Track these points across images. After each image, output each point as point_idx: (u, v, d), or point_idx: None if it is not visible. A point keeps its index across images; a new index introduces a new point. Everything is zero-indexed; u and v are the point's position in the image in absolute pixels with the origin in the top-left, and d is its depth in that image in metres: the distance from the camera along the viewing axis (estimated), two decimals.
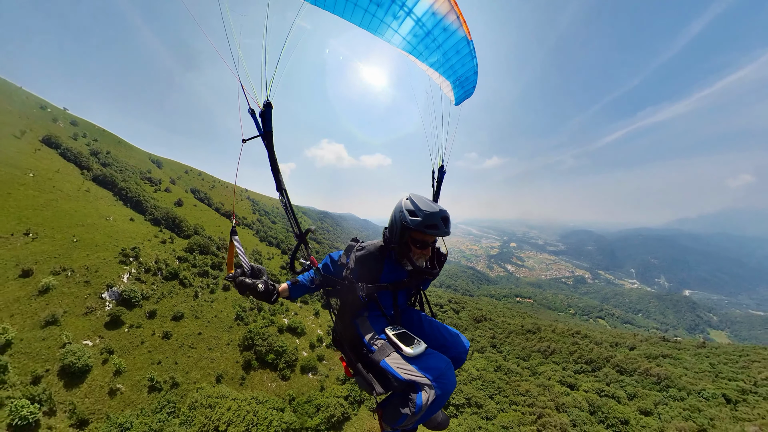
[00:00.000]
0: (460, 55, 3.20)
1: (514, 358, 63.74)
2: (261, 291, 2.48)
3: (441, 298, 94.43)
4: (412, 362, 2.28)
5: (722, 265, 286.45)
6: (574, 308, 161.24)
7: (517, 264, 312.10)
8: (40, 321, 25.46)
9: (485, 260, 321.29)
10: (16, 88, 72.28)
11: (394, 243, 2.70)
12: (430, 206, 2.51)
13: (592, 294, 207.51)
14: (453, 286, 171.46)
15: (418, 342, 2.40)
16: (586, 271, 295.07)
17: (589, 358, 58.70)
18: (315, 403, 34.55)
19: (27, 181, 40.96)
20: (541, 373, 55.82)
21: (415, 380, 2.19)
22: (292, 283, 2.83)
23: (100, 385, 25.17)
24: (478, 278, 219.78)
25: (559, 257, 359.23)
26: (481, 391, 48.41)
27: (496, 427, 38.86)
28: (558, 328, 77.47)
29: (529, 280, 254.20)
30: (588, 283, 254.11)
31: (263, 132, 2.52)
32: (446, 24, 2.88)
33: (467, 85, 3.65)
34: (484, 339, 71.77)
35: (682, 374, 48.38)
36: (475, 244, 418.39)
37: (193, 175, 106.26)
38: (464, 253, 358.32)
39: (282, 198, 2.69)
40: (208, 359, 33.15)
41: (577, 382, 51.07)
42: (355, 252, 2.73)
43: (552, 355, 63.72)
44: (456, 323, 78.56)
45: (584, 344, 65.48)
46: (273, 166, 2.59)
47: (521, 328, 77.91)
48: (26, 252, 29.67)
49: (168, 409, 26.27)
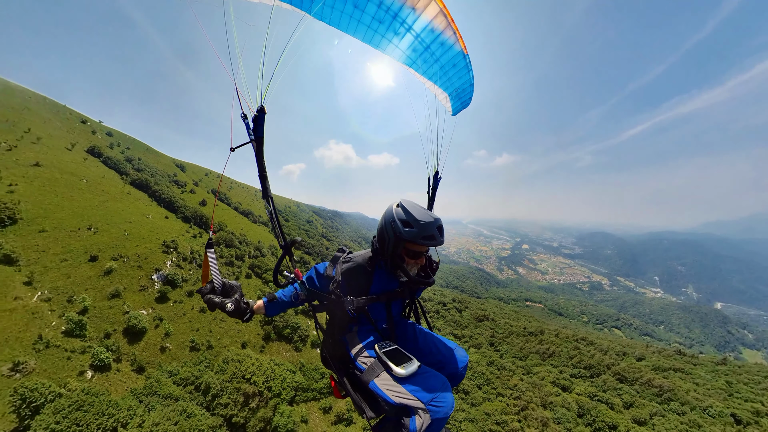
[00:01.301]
0: (457, 68, 3.33)
1: (511, 357, 63.66)
2: (230, 311, 2.32)
3: (445, 297, 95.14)
4: (403, 383, 2.07)
5: (761, 275, 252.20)
6: (588, 316, 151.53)
7: (529, 267, 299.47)
8: (107, 294, 32.63)
9: (495, 262, 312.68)
10: (62, 106, 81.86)
11: (387, 254, 2.50)
12: (424, 216, 2.35)
13: (609, 302, 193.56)
14: (460, 287, 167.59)
15: (411, 360, 2.18)
16: (603, 277, 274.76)
17: (589, 364, 57.41)
18: (321, 371, 40.77)
19: (82, 186, 48.96)
20: (535, 373, 55.61)
21: (407, 404, 1.98)
22: (269, 300, 2.63)
23: (153, 343, 32.13)
24: (487, 280, 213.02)
25: (574, 261, 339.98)
26: (470, 381, 49.31)
27: (479, 412, 40.14)
28: (562, 333, 75.57)
29: (540, 284, 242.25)
30: (605, 289, 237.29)
31: (254, 137, 2.44)
32: (443, 39, 3.01)
33: (464, 96, 3.78)
34: (483, 337, 71.30)
35: (691, 389, 45.98)
36: (485, 245, 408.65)
37: (212, 177, 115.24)
38: (473, 254, 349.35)
39: (268, 206, 2.57)
40: (235, 330, 39.89)
41: (572, 385, 50.51)
42: (341, 264, 2.55)
43: (550, 357, 62.90)
44: (457, 321, 79.24)
45: (587, 350, 63.86)
46: (261, 173, 2.49)
47: (523, 330, 76.90)
48: (91, 242, 37.10)
49: (205, 363, 33.04)
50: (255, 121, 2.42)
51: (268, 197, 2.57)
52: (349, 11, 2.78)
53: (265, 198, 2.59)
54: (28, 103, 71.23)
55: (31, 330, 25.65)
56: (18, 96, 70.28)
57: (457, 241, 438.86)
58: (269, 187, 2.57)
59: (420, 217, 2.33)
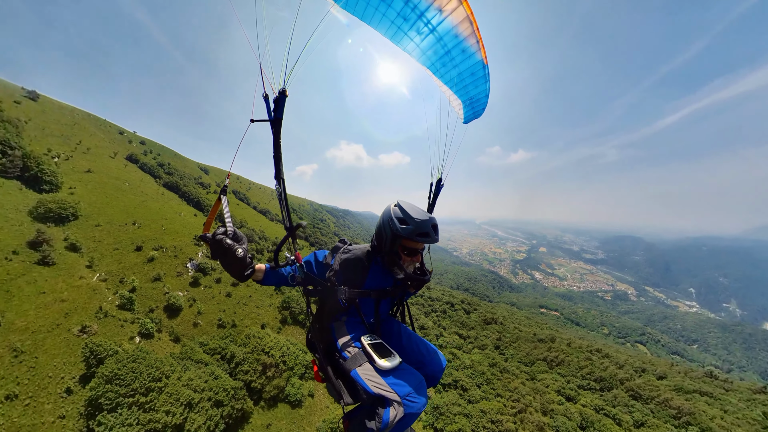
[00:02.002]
0: (475, 77, 3.34)
1: (516, 361, 61.61)
2: (240, 256, 2.30)
3: (454, 298, 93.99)
4: (383, 376, 2.19)
5: None
6: (609, 328, 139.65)
7: (546, 272, 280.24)
8: (151, 277, 38.48)
9: (510, 265, 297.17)
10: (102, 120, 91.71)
11: (384, 251, 2.62)
12: (420, 214, 2.48)
13: (635, 314, 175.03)
14: (471, 289, 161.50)
15: (393, 355, 2.32)
16: (629, 286, 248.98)
17: (600, 376, 53.51)
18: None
19: (125, 188, 56.17)
20: (540, 379, 53.56)
21: (385, 395, 2.09)
22: (271, 268, 2.70)
23: (188, 319, 37.57)
24: (500, 284, 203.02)
25: (596, 267, 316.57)
26: (469, 379, 49.35)
27: (475, 409, 40.48)
28: (575, 343, 71.67)
29: (558, 290, 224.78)
30: (631, 300, 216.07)
31: (273, 118, 2.47)
32: (465, 46, 2.99)
33: (477, 106, 3.79)
34: (489, 340, 69.60)
35: (716, 416, 42.03)
36: (499, 247, 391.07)
37: (233, 179, 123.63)
38: (486, 256, 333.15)
39: (278, 187, 2.59)
40: (256, 313, 44.99)
41: (578, 396, 48.20)
42: (341, 254, 2.67)
43: (558, 366, 59.66)
44: (464, 322, 78.58)
45: (600, 362, 59.83)
46: (276, 154, 2.52)
47: (533, 336, 73.93)
48: (136, 235, 43.38)
49: (230, 338, 38.13)
50: (276, 102, 2.46)
51: (280, 178, 2.57)
52: (375, 4, 2.79)
53: (277, 179, 2.58)
54: (77, 119, 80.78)
55: (93, 302, 31.54)
56: (68, 114, 79.85)
57: (470, 242, 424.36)
58: (282, 169, 2.59)
59: (415, 215, 2.44)
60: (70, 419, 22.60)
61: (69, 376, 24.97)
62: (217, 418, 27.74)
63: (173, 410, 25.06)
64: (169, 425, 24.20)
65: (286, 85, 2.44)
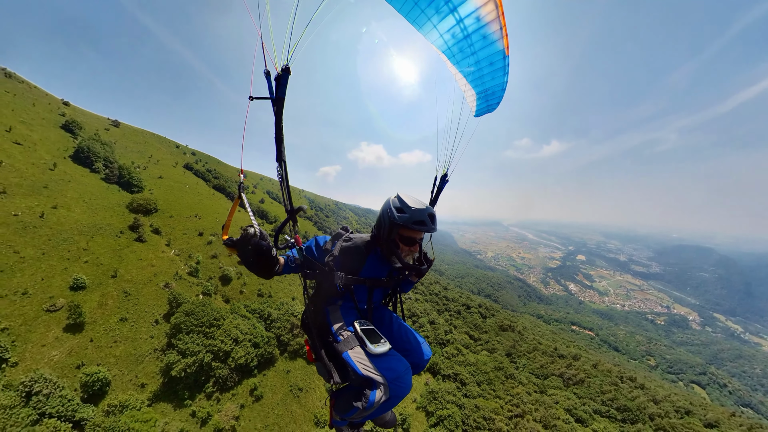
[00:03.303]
0: (494, 67, 3.11)
1: (527, 371, 57.28)
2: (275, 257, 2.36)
3: (471, 301, 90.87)
4: (373, 360, 2.34)
5: None
6: (657, 359, 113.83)
7: (583, 283, 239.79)
8: (209, 255, 50.23)
9: (540, 273, 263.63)
10: (164, 138, 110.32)
11: (383, 240, 2.71)
12: (417, 203, 2.56)
13: (695, 346, 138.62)
14: (493, 296, 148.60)
15: (384, 341, 2.46)
16: (691, 310, 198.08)
17: (625, 405, 46.54)
18: None
19: (186, 190, 70.24)
20: (550, 394, 49.02)
21: (373, 377, 2.26)
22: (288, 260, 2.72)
23: (236, 287, 48.55)
24: (527, 293, 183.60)
25: (648, 283, 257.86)
26: (471, 375, 49.05)
27: (470, 403, 40.37)
28: (603, 365, 62.61)
29: (596, 306, 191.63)
30: (691, 328, 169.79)
31: (275, 97, 2.35)
32: (487, 32, 2.77)
33: (492, 99, 3.57)
34: (501, 345, 65.46)
35: None
36: (528, 252, 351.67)
37: (266, 181, 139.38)
38: (514, 262, 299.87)
39: (280, 169, 2.50)
40: (288, 288, 55.28)
41: (591, 420, 43.35)
42: (342, 241, 2.76)
43: (576, 385, 53.22)
44: (477, 324, 76.43)
45: (628, 390, 51.88)
46: (277, 135, 2.43)
47: (554, 351, 67.05)
48: (198, 225, 55.86)
49: (267, 304, 48.56)
50: (278, 80, 2.33)
51: (281, 161, 2.49)
52: None
53: (278, 161, 2.49)
54: (146, 138, 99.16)
55: (172, 269, 43.36)
56: (140, 135, 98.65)
57: (496, 246, 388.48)
58: (284, 152, 2.49)
59: (412, 205, 2.55)
60: (157, 339, 33.51)
61: (157, 313, 36.25)
62: (253, 354, 37.54)
63: (225, 341, 35.35)
64: (221, 350, 34.44)
65: (289, 62, 2.31)
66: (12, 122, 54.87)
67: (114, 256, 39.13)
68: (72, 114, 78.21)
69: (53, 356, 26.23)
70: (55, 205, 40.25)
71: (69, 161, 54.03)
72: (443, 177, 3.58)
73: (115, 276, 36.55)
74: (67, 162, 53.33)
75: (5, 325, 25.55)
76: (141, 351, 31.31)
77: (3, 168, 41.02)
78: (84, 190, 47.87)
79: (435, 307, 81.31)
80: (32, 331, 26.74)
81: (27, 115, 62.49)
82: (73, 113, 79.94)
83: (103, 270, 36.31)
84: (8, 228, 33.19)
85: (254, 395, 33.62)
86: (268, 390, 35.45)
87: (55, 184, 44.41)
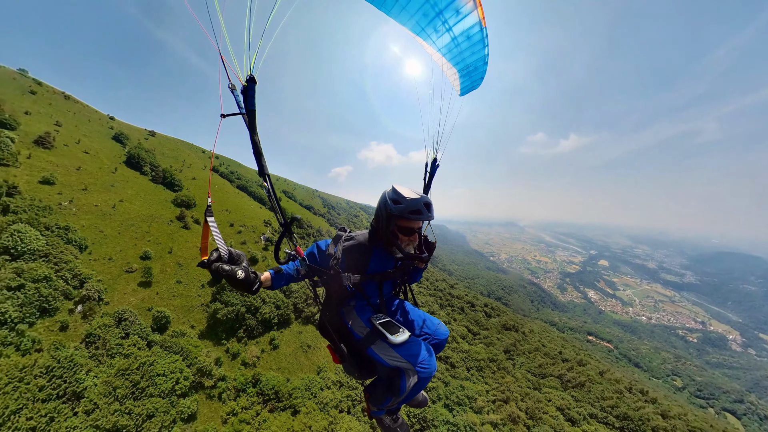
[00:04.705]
0: (472, 41, 2.98)
1: (524, 369, 55.48)
2: (240, 279, 2.27)
3: (477, 300, 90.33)
4: (396, 349, 2.43)
5: None
6: (685, 380, 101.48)
7: (605, 291, 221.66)
8: (239, 242, 59.90)
9: (557, 278, 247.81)
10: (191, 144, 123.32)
11: (382, 232, 2.76)
12: (412, 193, 2.62)
13: (734, 370, 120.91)
14: (504, 299, 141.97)
15: (402, 330, 2.52)
16: (731, 329, 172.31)
17: (625, 413, 43.84)
18: None
19: (216, 189, 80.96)
20: (543, 393, 47.68)
21: (400, 365, 2.41)
22: (275, 272, 2.74)
23: (261, 268, 57.50)
24: (541, 298, 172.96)
25: (681, 294, 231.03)
26: (462, 361, 49.88)
27: (456, 382, 41.30)
28: (611, 374, 58.91)
29: (618, 317, 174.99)
30: (730, 349, 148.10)
31: (245, 110, 2.31)
32: (459, 5, 2.63)
33: (475, 75, 3.46)
34: (501, 343, 64.27)
35: None
36: (545, 255, 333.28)
37: (282, 181, 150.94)
38: (529, 265, 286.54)
39: (265, 184, 2.54)
40: None
41: (582, 421, 41.62)
42: (343, 242, 2.79)
43: (575, 388, 51.25)
44: (479, 321, 76.12)
45: (632, 401, 48.69)
46: (255, 149, 2.39)
47: (558, 354, 64.25)
48: (228, 217, 65.86)
49: None
50: (244, 93, 2.26)
51: (265, 175, 2.48)
52: None
53: (261, 176, 2.49)
54: (177, 145, 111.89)
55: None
56: (172, 142, 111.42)
57: (511, 247, 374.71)
58: (266, 165, 2.47)
59: (407, 195, 2.59)
60: (203, 297, 42.80)
61: (203, 279, 45.69)
62: (275, 314, 46.20)
63: (256, 299, 44.35)
64: (252, 306, 43.42)
65: (253, 71, 2.22)
66: (78, 136, 66.84)
67: (168, 238, 49.12)
68: (118, 127, 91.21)
69: (131, 301, 35.79)
70: (121, 199, 50.79)
71: (124, 166, 65.30)
72: (433, 162, 3.61)
73: (170, 252, 46.40)
74: (122, 166, 64.58)
75: (100, 278, 35.31)
76: (192, 304, 40.75)
77: (81, 172, 51.99)
78: (139, 188, 58.66)
79: (437, 301, 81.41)
80: (117, 284, 36.46)
81: (87, 130, 74.88)
82: (119, 126, 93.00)
83: (161, 247, 46.23)
84: (93, 214, 43.57)
85: (272, 344, 42.35)
86: (284, 343, 44.00)
87: (118, 184, 55.23)
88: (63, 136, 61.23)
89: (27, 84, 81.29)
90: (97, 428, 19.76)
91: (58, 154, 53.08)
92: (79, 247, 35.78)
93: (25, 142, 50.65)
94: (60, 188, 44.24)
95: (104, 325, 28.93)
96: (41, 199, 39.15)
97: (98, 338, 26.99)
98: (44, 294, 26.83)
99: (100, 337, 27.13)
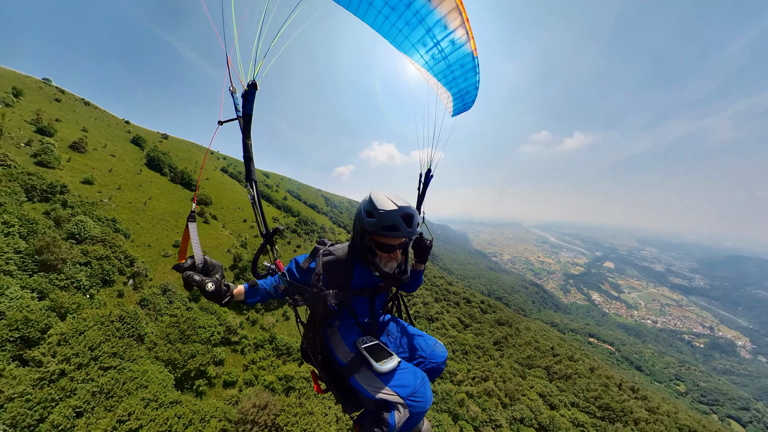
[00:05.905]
0: (465, 69, 3.30)
1: (512, 360, 54.85)
2: (210, 291, 2.14)
3: (474, 297, 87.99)
4: (383, 379, 2.13)
5: None
6: (688, 385, 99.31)
7: (609, 294, 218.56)
8: (253, 235, 66.06)
9: (560, 279, 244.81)
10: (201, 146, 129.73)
11: (358, 248, 2.48)
12: (387, 204, 2.23)
13: (741, 377, 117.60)
14: (504, 299, 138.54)
15: (391, 356, 2.24)
16: (741, 335, 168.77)
17: (607, 404, 42.99)
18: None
19: (227, 188, 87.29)
20: (528, 381, 47.25)
21: (387, 399, 2.06)
22: (251, 286, 2.56)
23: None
24: (543, 299, 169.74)
25: (688, 298, 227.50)
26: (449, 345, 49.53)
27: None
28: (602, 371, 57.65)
29: (622, 320, 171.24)
30: (739, 355, 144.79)
31: (242, 114, 2.28)
32: (455, 38, 2.97)
33: (467, 98, 3.77)
34: (491, 335, 63.28)
35: None
36: (549, 256, 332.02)
37: (286, 181, 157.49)
38: (532, 266, 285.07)
39: (250, 190, 2.44)
40: None
41: (562, 407, 41.04)
42: (322, 256, 2.51)
43: (561, 380, 50.55)
44: (473, 315, 75.58)
45: (617, 394, 47.24)
46: (246, 154, 2.34)
47: (550, 349, 63.26)
48: (241, 214, 72.08)
49: None
50: (244, 97, 2.27)
51: (251, 180, 2.42)
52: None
53: (248, 181, 2.42)
54: (189, 147, 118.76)
55: (229, 241, 59.19)
56: (184, 145, 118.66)
57: (514, 248, 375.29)
58: (254, 170, 2.45)
59: (381, 206, 2.22)
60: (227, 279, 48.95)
61: (226, 264, 51.76)
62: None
63: None
64: None
65: (255, 77, 2.25)
66: (103, 140, 73.14)
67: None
68: (134, 130, 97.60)
69: (170, 279, 41.87)
70: (150, 197, 56.97)
71: (146, 168, 71.55)
72: (427, 173, 3.57)
73: None
74: (145, 168, 70.82)
75: (143, 260, 41.45)
76: None
77: (113, 173, 58.22)
78: (162, 187, 64.89)
79: (432, 294, 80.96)
80: (156, 265, 42.52)
81: (108, 134, 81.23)
82: (135, 130, 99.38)
83: None
84: (129, 210, 49.73)
85: (285, 316, 48.47)
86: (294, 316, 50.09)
87: (145, 184, 61.45)
88: (91, 141, 67.52)
89: (51, 92, 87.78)
90: (157, 358, 26.00)
91: (91, 158, 59.32)
92: (125, 235, 41.93)
93: (63, 147, 56.89)
94: (99, 187, 50.44)
95: (153, 294, 35.10)
96: (87, 197, 45.34)
97: (150, 302, 33.13)
98: (105, 269, 32.99)
99: (151, 302, 33.25)
